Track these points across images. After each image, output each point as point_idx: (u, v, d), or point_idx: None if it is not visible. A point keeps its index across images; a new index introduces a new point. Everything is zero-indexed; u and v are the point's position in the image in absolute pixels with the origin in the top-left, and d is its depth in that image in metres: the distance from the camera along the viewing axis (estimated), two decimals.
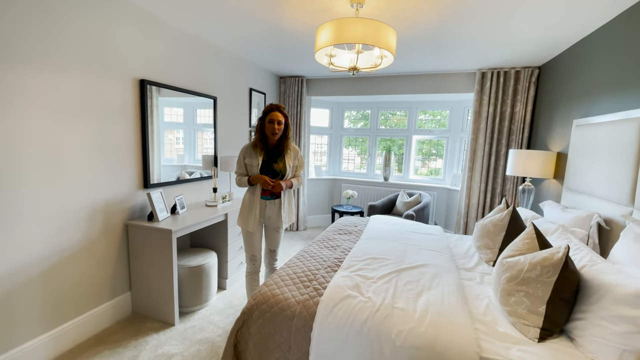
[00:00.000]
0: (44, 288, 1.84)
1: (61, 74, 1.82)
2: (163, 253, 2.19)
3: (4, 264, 1.65)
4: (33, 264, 1.78)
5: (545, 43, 2.63)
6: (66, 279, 1.95)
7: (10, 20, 1.57)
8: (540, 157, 2.66)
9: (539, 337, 1.29)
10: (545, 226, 1.90)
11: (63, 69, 1.82)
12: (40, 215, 1.79)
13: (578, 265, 1.40)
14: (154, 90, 2.42)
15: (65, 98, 1.85)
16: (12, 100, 1.62)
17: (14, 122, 1.63)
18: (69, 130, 1.89)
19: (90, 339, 2.06)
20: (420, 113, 4.74)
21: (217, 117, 3.18)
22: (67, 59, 1.83)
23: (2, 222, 1.62)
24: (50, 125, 1.79)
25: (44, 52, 1.73)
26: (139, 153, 2.37)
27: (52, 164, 1.82)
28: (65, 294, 1.96)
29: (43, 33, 1.71)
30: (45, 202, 1.81)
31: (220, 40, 2.98)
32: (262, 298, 1.54)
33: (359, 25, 1.77)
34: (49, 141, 1.80)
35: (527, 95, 3.33)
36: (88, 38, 1.93)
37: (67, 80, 1.85)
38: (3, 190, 1.62)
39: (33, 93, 1.70)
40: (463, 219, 3.73)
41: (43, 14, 1.70)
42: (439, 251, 2.12)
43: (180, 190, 2.79)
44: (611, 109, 2.02)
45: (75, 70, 1.88)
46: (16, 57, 1.61)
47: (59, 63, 1.80)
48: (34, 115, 1.71)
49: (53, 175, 1.83)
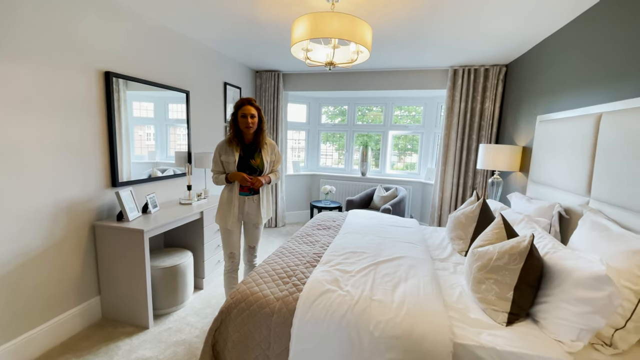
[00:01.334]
0: (4, 294, 1.72)
1: (13, 64, 1.68)
2: (134, 254, 2.11)
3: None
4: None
5: (512, 42, 2.75)
6: (28, 284, 1.83)
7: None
8: (508, 152, 2.80)
9: (507, 322, 1.36)
10: (512, 217, 2.00)
11: (15, 59, 1.68)
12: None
13: (542, 253, 1.49)
14: (120, 83, 2.30)
15: (19, 90, 1.71)
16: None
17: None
18: (25, 125, 1.76)
19: (57, 347, 1.95)
20: (396, 109, 4.83)
21: (190, 112, 3.08)
22: (19, 48, 1.70)
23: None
24: (3, 119, 1.66)
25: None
26: (106, 150, 2.26)
27: (7, 161, 1.69)
28: (28, 300, 1.84)
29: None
30: (1, 202, 1.68)
31: (192, 33, 2.88)
32: (240, 296, 1.52)
33: (335, 19, 1.77)
34: (3, 137, 1.67)
35: (495, 92, 3.47)
36: (45, 26, 1.80)
37: (20, 71, 1.71)
38: None
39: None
40: (437, 212, 3.86)
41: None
42: (414, 243, 2.18)
43: (152, 189, 2.68)
44: (571, 105, 2.15)
45: (30, 61, 1.75)
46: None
47: (9, 52, 1.66)
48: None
49: (9, 173, 1.70)
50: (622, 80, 1.69)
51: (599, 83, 1.88)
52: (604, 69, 1.85)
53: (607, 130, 1.66)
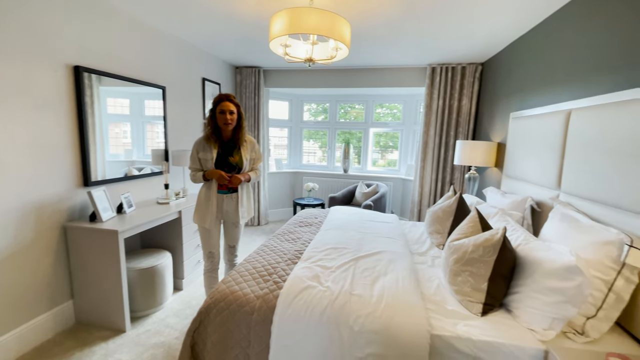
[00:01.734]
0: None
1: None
2: (109, 256, 2.03)
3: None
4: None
5: (487, 41, 2.83)
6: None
7: None
8: (483, 148, 2.88)
9: (482, 312, 1.41)
10: (487, 210, 2.07)
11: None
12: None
13: (514, 244, 1.55)
14: (93, 79, 2.21)
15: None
16: None
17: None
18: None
19: (27, 355, 1.86)
20: (378, 107, 4.88)
21: (167, 109, 2.99)
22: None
23: None
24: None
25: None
26: (77, 148, 2.16)
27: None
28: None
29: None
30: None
31: (168, 27, 2.79)
32: (219, 296, 1.49)
33: (313, 15, 1.76)
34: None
35: (472, 89, 3.57)
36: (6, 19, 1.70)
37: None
38: None
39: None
40: (417, 207, 3.93)
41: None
42: (394, 238, 2.22)
43: (128, 188, 2.60)
44: (542, 102, 2.23)
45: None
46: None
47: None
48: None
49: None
50: (591, 78, 1.76)
51: (569, 81, 1.96)
52: (574, 67, 1.93)
53: (577, 126, 1.73)
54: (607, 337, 1.28)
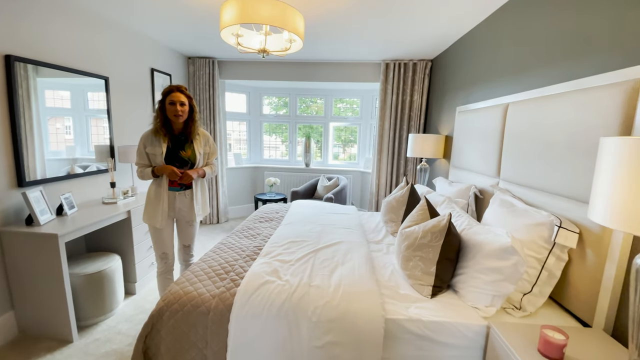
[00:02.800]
0: None
1: None
2: (49, 261, 1.86)
3: None
4: None
5: (435, 38, 2.97)
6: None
7: None
8: (433, 140, 3.05)
9: (431, 294, 1.50)
10: (435, 199, 2.20)
11: None
12: None
13: (459, 229, 1.66)
14: (29, 69, 1.99)
15: None
16: None
17: None
18: None
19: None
20: (338, 101, 4.93)
21: (110, 101, 2.77)
22: None
23: None
24: None
25: None
26: (9, 145, 1.94)
27: None
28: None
29: None
30: None
31: (113, 13, 2.57)
32: (172, 298, 1.44)
33: (265, 5, 1.72)
34: None
35: (422, 85, 3.74)
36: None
37: None
38: None
39: None
40: (374, 198, 4.07)
41: None
42: (352, 228, 2.28)
43: (71, 187, 2.38)
44: (484, 97, 2.41)
45: None
46: None
47: None
48: None
49: None
50: (526, 73, 1.92)
51: (507, 76, 2.12)
52: (511, 63, 2.08)
53: (513, 119, 1.87)
54: (542, 310, 1.42)
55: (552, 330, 1.11)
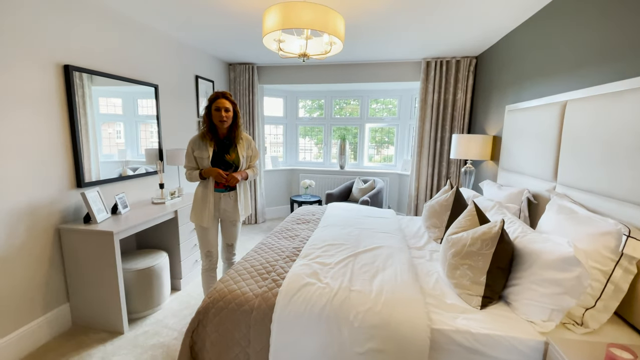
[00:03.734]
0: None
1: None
2: (105, 257, 2.01)
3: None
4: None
5: (481, 34, 2.82)
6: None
7: None
8: (479, 141, 2.88)
9: (481, 305, 1.41)
10: (484, 204, 2.07)
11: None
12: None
13: (512, 237, 1.55)
14: (85, 78, 2.17)
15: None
16: None
17: None
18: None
19: (25, 359, 1.84)
20: (373, 102, 4.86)
21: (160, 107, 2.95)
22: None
23: None
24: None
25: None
26: (69, 149, 2.12)
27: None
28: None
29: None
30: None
31: (160, 24, 2.74)
32: (218, 295, 1.48)
33: (307, 10, 1.74)
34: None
35: (466, 83, 3.56)
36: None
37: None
38: None
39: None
40: (413, 202, 3.94)
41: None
42: (391, 233, 2.21)
43: (123, 188, 2.56)
44: (537, 94, 2.23)
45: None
46: None
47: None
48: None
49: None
50: (585, 68, 1.76)
51: (564, 72, 1.96)
52: (568, 58, 1.92)
53: (572, 117, 1.72)
54: (607, 327, 1.29)
55: (620, 348, 1.01)
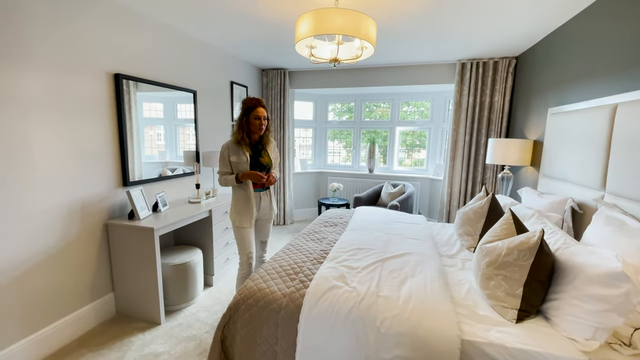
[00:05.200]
0: (22, 292, 1.78)
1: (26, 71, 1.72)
2: (146, 252, 2.15)
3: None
4: (8, 267, 1.71)
5: (521, 34, 2.69)
6: (45, 281, 1.89)
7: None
8: (518, 146, 2.74)
9: (516, 318, 1.34)
10: (522, 212, 1.96)
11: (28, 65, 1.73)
12: (12, 217, 1.71)
13: (553, 248, 1.46)
14: (131, 85, 2.34)
15: (32, 95, 1.76)
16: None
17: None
18: (39, 129, 1.80)
19: (73, 342, 2.01)
20: (404, 105, 4.78)
21: (197, 112, 3.11)
22: (31, 54, 1.74)
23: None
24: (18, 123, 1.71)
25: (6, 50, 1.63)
26: (117, 150, 2.30)
27: (23, 164, 1.74)
28: (45, 297, 1.89)
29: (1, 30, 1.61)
30: (16, 203, 1.73)
31: (198, 33, 2.90)
32: (248, 292, 1.53)
33: (339, 15, 1.76)
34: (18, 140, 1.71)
35: (505, 85, 3.40)
36: (54, 32, 1.84)
37: (33, 76, 1.75)
38: None
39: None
40: (445, 208, 3.81)
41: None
42: (421, 239, 2.16)
43: (162, 188, 2.73)
44: (584, 97, 2.09)
45: (41, 66, 1.79)
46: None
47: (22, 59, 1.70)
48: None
49: (26, 175, 1.75)
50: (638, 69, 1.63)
51: (614, 73, 1.82)
52: (619, 58, 1.79)
53: (624, 122, 1.60)
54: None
55: None
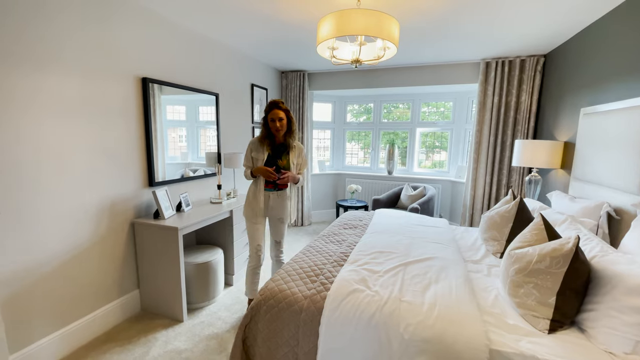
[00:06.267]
0: (55, 287, 1.86)
1: (60, 76, 1.81)
2: (170, 250, 2.20)
3: (14, 264, 1.66)
4: (43, 263, 1.79)
5: (551, 30, 2.58)
6: (76, 277, 1.97)
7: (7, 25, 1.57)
8: (547, 147, 2.62)
9: (549, 329, 1.28)
10: (553, 217, 1.87)
11: (61, 71, 1.81)
12: (45, 215, 1.80)
13: (588, 256, 1.38)
14: (156, 89, 2.41)
15: (65, 99, 1.84)
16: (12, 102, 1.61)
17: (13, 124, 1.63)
18: (72, 131, 1.89)
19: (101, 336, 2.09)
20: (424, 105, 4.69)
21: (219, 114, 3.17)
22: (64, 60, 1.82)
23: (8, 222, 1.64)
24: (52, 126, 1.79)
25: (38, 53, 1.71)
26: (143, 151, 2.38)
27: (56, 163, 1.82)
28: (76, 292, 1.98)
29: (39, 36, 1.69)
30: (50, 202, 1.81)
31: (220, 36, 2.96)
32: (269, 293, 1.54)
33: (361, 16, 1.74)
34: (52, 142, 1.80)
35: (532, 84, 3.27)
36: (87, 39, 1.92)
37: (66, 81, 1.83)
38: (6, 188, 1.62)
39: (27, 95, 1.68)
40: (468, 211, 3.70)
41: (36, 17, 1.69)
42: (445, 244, 2.11)
43: (185, 188, 2.79)
44: (620, 96, 1.97)
45: (72, 71, 1.87)
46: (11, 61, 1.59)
47: (56, 64, 1.79)
48: (33, 116, 1.71)
49: (59, 175, 1.84)
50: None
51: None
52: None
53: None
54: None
55: None
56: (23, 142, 1.67)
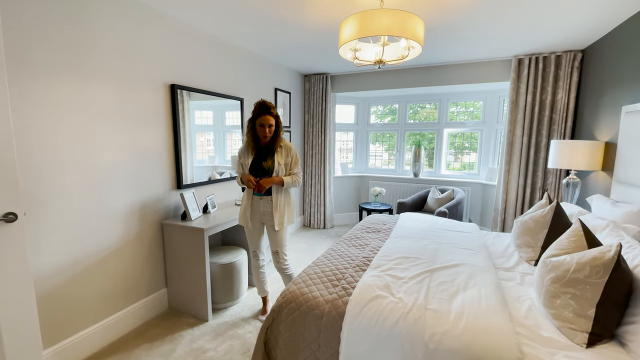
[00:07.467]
0: (89, 284, 1.97)
1: (97, 84, 1.92)
2: (196, 251, 2.27)
3: (52, 262, 1.78)
4: (78, 261, 1.90)
5: (589, 24, 2.41)
6: (109, 275, 2.08)
7: (44, 34, 1.68)
8: (587, 148, 2.45)
9: (587, 342, 1.19)
10: (593, 222, 1.74)
11: (98, 79, 1.93)
12: (82, 216, 1.91)
13: (631, 265, 1.27)
14: (184, 94, 2.51)
15: (101, 106, 1.95)
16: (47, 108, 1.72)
17: (50, 129, 1.73)
18: (107, 136, 2.00)
19: (131, 332, 2.19)
20: (452, 105, 4.55)
21: (244, 119, 3.24)
22: (101, 68, 1.93)
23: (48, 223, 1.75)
24: (90, 131, 1.91)
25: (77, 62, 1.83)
26: (172, 155, 2.47)
27: (93, 167, 1.94)
28: (109, 290, 2.08)
29: (76, 44, 1.80)
30: (87, 204, 1.93)
31: (245, 42, 3.03)
32: (290, 296, 1.54)
33: (384, 16, 1.72)
34: (89, 146, 1.91)
35: (569, 81, 3.08)
36: (119, 47, 2.03)
37: (100, 88, 1.94)
38: (40, 185, 1.71)
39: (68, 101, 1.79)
40: (500, 216, 3.53)
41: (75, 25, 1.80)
42: (474, 250, 2.02)
43: (211, 190, 2.87)
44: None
45: (108, 79, 1.98)
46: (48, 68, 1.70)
47: (93, 73, 1.90)
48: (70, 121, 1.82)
49: (93, 178, 1.95)
50: None
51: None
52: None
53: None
54: None
55: None
56: (65, 146, 1.78)
